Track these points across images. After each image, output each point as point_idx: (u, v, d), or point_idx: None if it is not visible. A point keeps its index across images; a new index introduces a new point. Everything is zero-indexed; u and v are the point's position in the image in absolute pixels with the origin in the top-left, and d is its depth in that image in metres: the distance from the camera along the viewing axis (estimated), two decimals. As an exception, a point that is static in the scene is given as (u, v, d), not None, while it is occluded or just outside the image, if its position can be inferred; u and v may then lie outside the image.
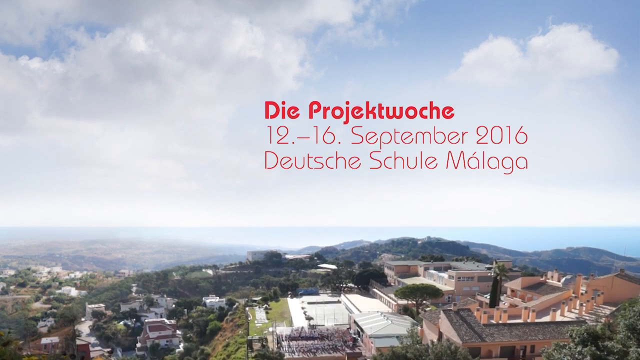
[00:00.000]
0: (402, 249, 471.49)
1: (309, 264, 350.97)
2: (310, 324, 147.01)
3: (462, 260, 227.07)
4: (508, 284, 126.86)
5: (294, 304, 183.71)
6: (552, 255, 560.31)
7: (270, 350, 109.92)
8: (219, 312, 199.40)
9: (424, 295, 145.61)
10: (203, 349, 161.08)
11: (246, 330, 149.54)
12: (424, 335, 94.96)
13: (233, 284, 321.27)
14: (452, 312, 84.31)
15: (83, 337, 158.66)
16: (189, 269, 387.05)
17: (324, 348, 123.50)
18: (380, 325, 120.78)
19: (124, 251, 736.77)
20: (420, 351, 69.38)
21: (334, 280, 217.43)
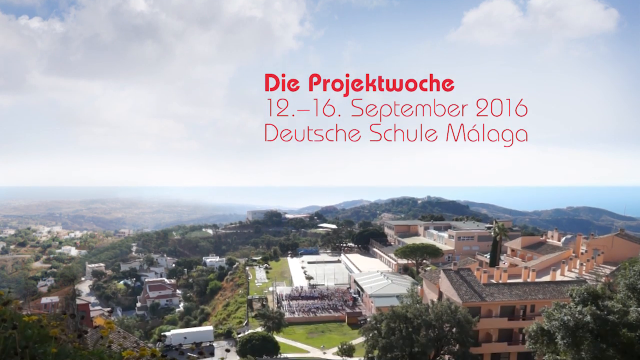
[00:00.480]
0: (402, 208, 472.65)
1: (309, 223, 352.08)
2: (310, 283, 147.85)
3: (462, 219, 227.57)
4: (508, 244, 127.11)
5: (294, 263, 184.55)
6: (552, 214, 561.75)
7: (270, 310, 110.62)
8: (219, 271, 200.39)
9: (424, 254, 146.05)
10: (203, 308, 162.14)
11: (246, 289, 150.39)
12: (424, 294, 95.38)
13: (233, 243, 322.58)
14: (452, 271, 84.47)
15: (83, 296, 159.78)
16: (189, 228, 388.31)
17: (324, 307, 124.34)
18: (380, 285, 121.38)
19: (124, 211, 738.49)
20: (420, 310, 69.71)
21: (334, 239, 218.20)
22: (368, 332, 71.68)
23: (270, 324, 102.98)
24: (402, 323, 68.29)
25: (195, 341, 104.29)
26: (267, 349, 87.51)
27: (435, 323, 67.64)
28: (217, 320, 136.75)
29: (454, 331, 68.11)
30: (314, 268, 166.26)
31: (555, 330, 44.36)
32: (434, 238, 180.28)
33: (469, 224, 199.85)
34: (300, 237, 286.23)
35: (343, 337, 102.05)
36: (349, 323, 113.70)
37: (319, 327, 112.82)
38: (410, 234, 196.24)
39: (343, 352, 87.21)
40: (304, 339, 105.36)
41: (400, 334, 66.79)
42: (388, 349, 66.65)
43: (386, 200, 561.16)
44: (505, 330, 79.05)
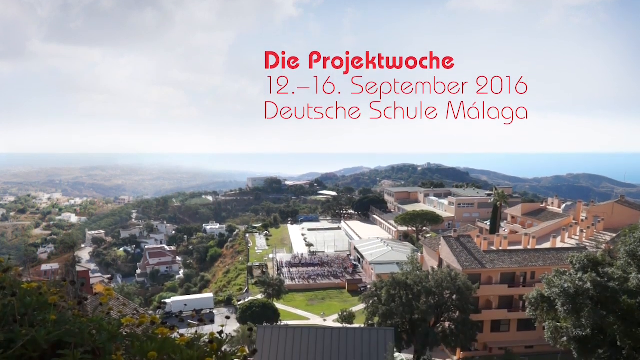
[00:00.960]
0: (402, 175, 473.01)
1: (309, 190, 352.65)
2: (310, 250, 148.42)
3: (462, 186, 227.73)
4: (508, 211, 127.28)
5: (294, 230, 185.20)
6: (552, 181, 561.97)
7: (270, 277, 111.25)
8: (219, 238, 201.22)
9: (424, 221, 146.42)
10: (203, 275, 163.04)
11: (246, 257, 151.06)
12: (424, 261, 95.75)
13: (233, 210, 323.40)
14: (452, 238, 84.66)
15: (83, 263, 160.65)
16: (189, 195, 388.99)
17: (324, 275, 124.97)
18: (380, 252, 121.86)
19: (124, 178, 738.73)
20: (420, 277, 70.00)
21: (334, 206, 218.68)
22: (368, 299, 72.08)
23: (271, 291, 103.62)
24: (402, 290, 68.62)
25: (195, 308, 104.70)
26: (267, 316, 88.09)
27: (436, 290, 67.95)
28: (217, 288, 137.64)
29: (454, 298, 68.46)
30: (314, 235, 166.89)
31: (556, 297, 44.54)
32: (434, 205, 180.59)
33: (469, 191, 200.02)
34: (301, 204, 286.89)
35: (343, 304, 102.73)
36: (349, 290, 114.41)
37: (319, 294, 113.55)
38: (410, 201, 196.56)
39: (343, 319, 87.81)
40: (304, 306, 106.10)
41: (400, 301, 67.14)
42: (388, 315, 67.06)
43: (386, 167, 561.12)
44: (505, 297, 79.49)
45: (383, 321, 66.88)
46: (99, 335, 4.21)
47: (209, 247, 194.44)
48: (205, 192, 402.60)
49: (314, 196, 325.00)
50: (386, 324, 65.13)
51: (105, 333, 4.23)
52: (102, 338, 4.18)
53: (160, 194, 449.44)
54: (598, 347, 43.16)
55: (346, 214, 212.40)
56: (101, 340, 4.16)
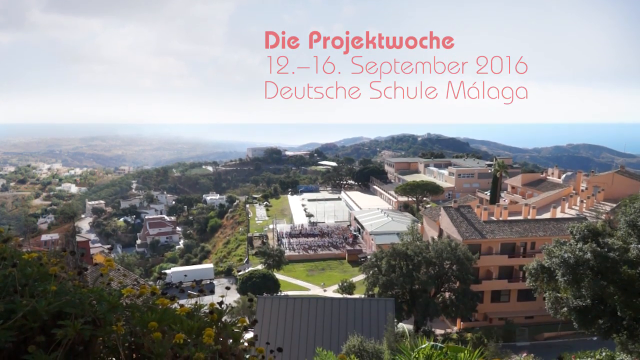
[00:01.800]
0: (402, 145, 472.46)
1: (309, 160, 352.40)
2: (310, 221, 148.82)
3: (462, 157, 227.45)
4: (508, 181, 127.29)
5: (294, 201, 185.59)
6: (552, 152, 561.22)
7: (270, 247, 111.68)
8: (219, 209, 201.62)
9: (424, 192, 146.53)
10: (203, 246, 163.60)
11: (246, 227, 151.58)
12: (425, 232, 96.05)
13: (233, 180, 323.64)
14: (452, 209, 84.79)
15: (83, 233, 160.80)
16: (189, 165, 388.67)
17: (324, 245, 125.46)
18: (380, 222, 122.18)
19: (124, 148, 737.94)
20: (420, 248, 70.22)
21: (334, 177, 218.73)
22: (368, 270, 72.40)
23: (271, 261, 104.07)
24: (402, 260, 68.89)
25: (195, 279, 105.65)
26: (268, 286, 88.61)
27: (436, 260, 68.22)
28: (218, 258, 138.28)
29: (454, 268, 68.73)
30: (314, 205, 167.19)
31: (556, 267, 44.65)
32: (434, 175, 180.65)
33: (469, 161, 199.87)
34: (301, 174, 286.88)
35: (343, 275, 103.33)
36: (349, 260, 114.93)
37: (319, 264, 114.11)
38: (411, 171, 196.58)
39: (343, 289, 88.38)
40: (304, 276, 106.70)
41: (400, 271, 67.45)
42: (388, 286, 67.42)
43: (386, 137, 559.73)
44: (505, 268, 79.82)
45: (383, 291, 67.24)
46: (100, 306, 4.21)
47: (209, 217, 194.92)
48: (205, 163, 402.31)
49: (314, 166, 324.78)
50: (386, 295, 65.48)
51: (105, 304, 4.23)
52: (102, 309, 4.18)
53: (160, 164, 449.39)
54: (598, 317, 43.34)
55: (346, 184, 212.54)
56: (102, 311, 4.17)
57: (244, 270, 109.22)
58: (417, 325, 68.84)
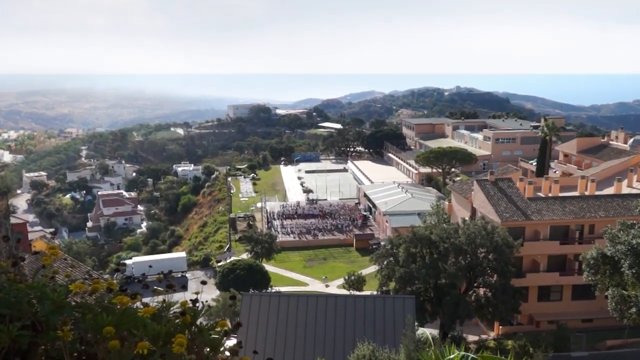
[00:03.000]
0: (425, 102, 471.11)
1: (307, 122, 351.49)
2: (309, 198, 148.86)
3: (500, 117, 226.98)
4: (560, 147, 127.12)
5: (289, 173, 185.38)
6: (616, 110, 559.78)
7: (258, 232, 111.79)
8: (194, 183, 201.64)
9: (453, 161, 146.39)
10: (173, 229, 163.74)
11: (228, 206, 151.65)
12: (453, 212, 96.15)
13: (211, 147, 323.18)
14: (488, 182, 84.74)
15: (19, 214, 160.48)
16: (154, 127, 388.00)
17: (326, 229, 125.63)
18: (397, 200, 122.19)
19: (71, 105, 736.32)
20: (448, 232, 70.24)
21: (338, 142, 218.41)
22: (382, 260, 72.53)
23: (259, 249, 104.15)
24: (425, 248, 68.96)
25: (163, 271, 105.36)
26: (255, 280, 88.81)
27: (467, 248, 68.27)
28: (192, 245, 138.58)
29: (490, 258, 68.80)
30: (313, 179, 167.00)
31: (621, 256, 44.44)
32: (465, 140, 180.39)
33: (509, 122, 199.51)
34: (296, 139, 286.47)
35: (350, 266, 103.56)
36: (358, 248, 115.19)
37: (320, 253, 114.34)
38: (435, 135, 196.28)
39: (350, 284, 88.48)
40: (300, 268, 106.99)
41: (422, 261, 67.57)
42: (407, 280, 67.51)
43: (404, 91, 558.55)
44: (556, 257, 79.78)
45: (401, 287, 67.45)
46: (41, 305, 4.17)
47: (180, 193, 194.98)
48: (175, 124, 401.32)
49: (313, 129, 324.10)
50: (405, 291, 65.65)
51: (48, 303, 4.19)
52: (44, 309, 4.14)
53: (118, 126, 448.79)
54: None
55: (354, 151, 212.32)
56: (44, 312, 4.12)
57: (224, 260, 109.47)
58: (443, 330, 69.15)
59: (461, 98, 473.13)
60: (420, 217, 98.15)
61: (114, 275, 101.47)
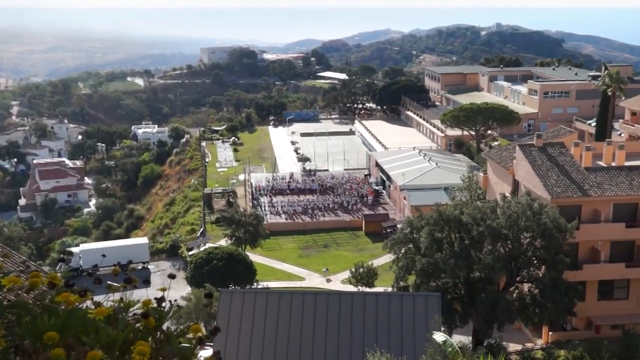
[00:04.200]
0: (455, 45, 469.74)
1: (304, 70, 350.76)
2: (305, 168, 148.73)
3: (550, 64, 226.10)
4: (625, 103, 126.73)
5: (279, 136, 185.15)
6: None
7: (241, 211, 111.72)
8: (158, 149, 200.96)
9: (489, 121, 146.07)
10: (132, 209, 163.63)
11: (202, 178, 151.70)
12: (489, 186, 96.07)
13: (179, 103, 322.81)
14: (534, 148, 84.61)
15: None
16: (106, 77, 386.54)
17: (327, 208, 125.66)
18: (418, 171, 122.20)
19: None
20: (483, 212, 70.13)
21: (343, 97, 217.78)
22: (399, 247, 72.54)
23: (241, 233, 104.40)
24: (453, 232, 68.98)
25: (119, 262, 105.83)
26: (236, 273, 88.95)
27: (508, 232, 68.27)
28: (155, 229, 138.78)
29: (537, 245, 68.73)
30: (310, 144, 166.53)
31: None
32: (505, 94, 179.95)
33: (562, 70, 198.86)
34: (289, 92, 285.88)
35: (358, 255, 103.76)
36: (368, 232, 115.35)
37: (320, 238, 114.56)
38: (468, 88, 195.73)
39: (358, 278, 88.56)
40: (295, 257, 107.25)
41: (450, 249, 67.48)
42: (431, 273, 67.47)
43: (428, 30, 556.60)
44: (621, 244, 79.49)
45: (423, 282, 67.54)
46: (-35, 305, 4.19)
47: (140, 162, 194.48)
48: (133, 73, 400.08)
49: (310, 80, 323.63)
50: (428, 287, 65.81)
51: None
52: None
53: (58, 75, 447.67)
54: None
55: (363, 109, 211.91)
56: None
57: (197, 247, 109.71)
58: (477, 337, 69.40)
59: (502, 39, 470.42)
60: (448, 193, 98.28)
61: (57, 267, 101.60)
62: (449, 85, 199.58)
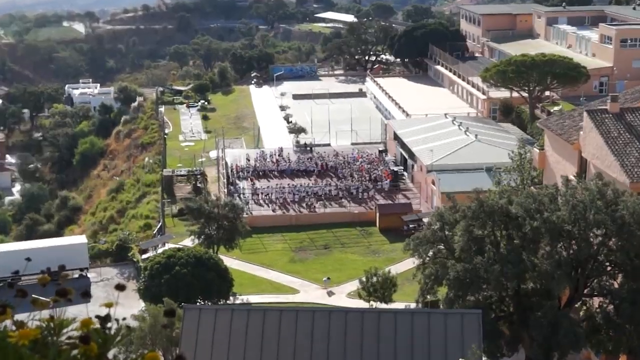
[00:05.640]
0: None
1: (297, 10, 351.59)
2: (299, 142, 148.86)
3: (631, 1, 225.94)
4: None
5: (265, 99, 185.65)
6: None
7: (212, 201, 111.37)
8: (101, 116, 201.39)
9: (548, 78, 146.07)
10: (66, 196, 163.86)
11: (160, 156, 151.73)
12: (547, 165, 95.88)
13: (132, 55, 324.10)
14: (608, 115, 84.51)
15: None
16: (34, 21, 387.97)
17: (328, 195, 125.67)
18: (451, 146, 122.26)
19: None
20: (539, 201, 69.83)
21: (350, 46, 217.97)
22: (425, 248, 72.30)
23: (213, 230, 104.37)
24: (499, 228, 68.83)
25: (49, 267, 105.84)
26: (206, 284, 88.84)
27: (572, 228, 68.09)
28: (97, 224, 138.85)
29: (611, 245, 68.72)
30: (306, 109, 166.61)
31: None
32: (568, 43, 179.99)
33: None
34: (278, 40, 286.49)
35: (370, 260, 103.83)
36: (384, 228, 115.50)
37: (319, 237, 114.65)
38: (518, 35, 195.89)
39: (370, 291, 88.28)
40: (285, 263, 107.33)
41: (495, 251, 67.42)
42: (469, 283, 67.20)
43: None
44: None
45: (457, 296, 67.43)
46: None
47: (77, 134, 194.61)
48: (70, 15, 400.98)
49: (306, 24, 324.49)
50: (465, 303, 65.75)
51: None
52: None
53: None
54: None
55: (377, 63, 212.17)
56: None
57: (154, 249, 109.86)
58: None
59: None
60: (491, 176, 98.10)
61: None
62: (493, 31, 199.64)
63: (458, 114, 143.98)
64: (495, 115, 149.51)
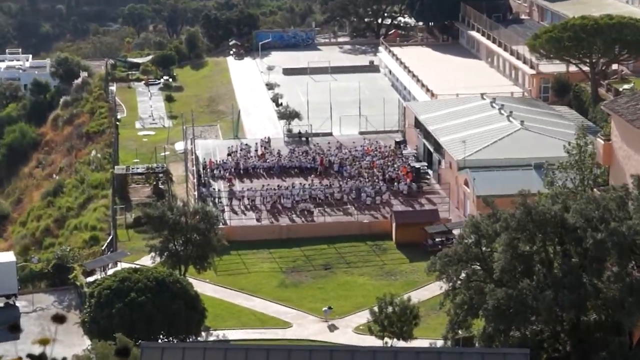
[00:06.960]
0: None
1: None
2: (291, 131, 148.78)
3: None
4: None
5: (247, 75, 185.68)
6: None
7: (179, 207, 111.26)
8: (35, 96, 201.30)
9: (615, 47, 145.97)
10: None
11: (112, 150, 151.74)
12: (615, 160, 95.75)
13: (74, 18, 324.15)
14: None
15: None
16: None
17: (330, 201, 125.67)
18: (489, 136, 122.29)
19: None
20: (603, 207, 69.81)
21: (358, 6, 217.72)
22: (456, 269, 72.32)
23: (180, 246, 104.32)
24: (552, 243, 68.84)
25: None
26: (171, 315, 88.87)
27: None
28: (29, 237, 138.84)
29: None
30: (301, 88, 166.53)
31: None
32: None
33: None
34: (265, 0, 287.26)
35: (384, 284, 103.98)
36: (402, 243, 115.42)
37: (318, 253, 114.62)
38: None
39: (385, 324, 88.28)
40: (273, 287, 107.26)
41: (546, 272, 67.43)
42: (513, 314, 67.31)
43: None
44: None
45: (498, 330, 67.46)
46: None
47: (2, 120, 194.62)
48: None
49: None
50: (506, 339, 65.78)
51: None
52: None
53: None
54: None
55: (394, 27, 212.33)
56: None
57: (102, 270, 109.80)
58: None
59: None
60: (542, 174, 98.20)
61: None
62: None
63: (498, 94, 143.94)
64: (547, 95, 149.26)
